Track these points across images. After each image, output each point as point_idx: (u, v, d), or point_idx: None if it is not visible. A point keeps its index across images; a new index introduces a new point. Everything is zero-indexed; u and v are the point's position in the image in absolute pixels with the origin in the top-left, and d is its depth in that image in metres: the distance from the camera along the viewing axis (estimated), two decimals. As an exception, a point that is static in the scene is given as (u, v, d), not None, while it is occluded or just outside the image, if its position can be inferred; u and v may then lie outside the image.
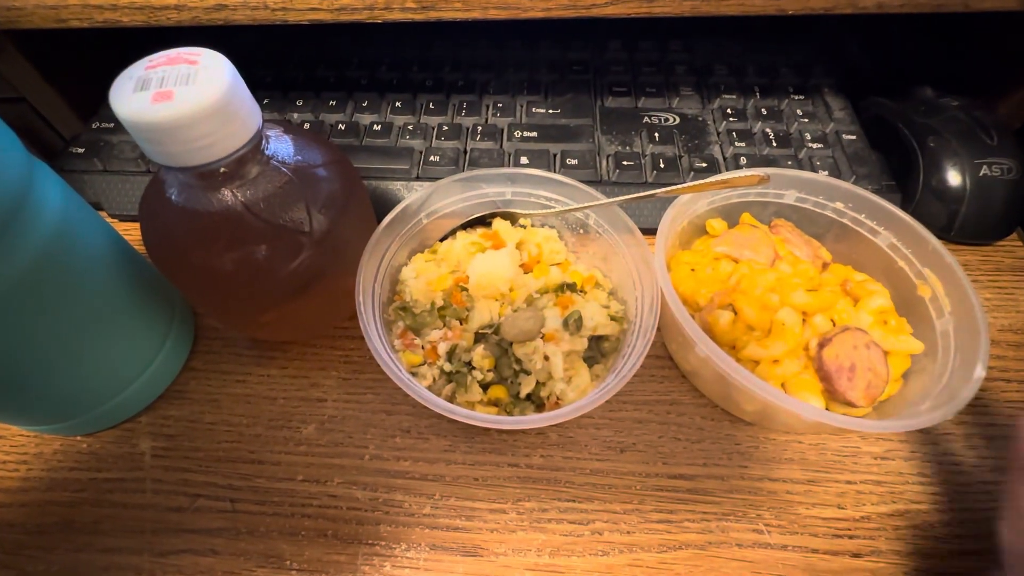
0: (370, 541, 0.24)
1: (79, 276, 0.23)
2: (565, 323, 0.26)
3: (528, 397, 0.26)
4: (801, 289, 0.27)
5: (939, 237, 0.27)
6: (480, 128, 0.37)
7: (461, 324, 0.27)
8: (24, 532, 0.25)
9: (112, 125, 0.38)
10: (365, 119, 0.38)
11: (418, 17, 0.30)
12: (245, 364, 0.30)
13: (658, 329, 0.27)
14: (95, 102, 0.40)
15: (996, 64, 0.37)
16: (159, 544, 0.24)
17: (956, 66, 0.39)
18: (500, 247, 0.29)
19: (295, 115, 0.39)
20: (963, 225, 0.32)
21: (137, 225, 0.25)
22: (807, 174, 0.30)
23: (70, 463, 0.27)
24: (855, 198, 0.29)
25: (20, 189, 0.20)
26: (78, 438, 0.28)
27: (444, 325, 0.27)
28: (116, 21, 0.30)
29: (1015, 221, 0.33)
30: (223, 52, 0.21)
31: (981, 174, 0.32)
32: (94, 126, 0.38)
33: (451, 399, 0.26)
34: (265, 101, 0.39)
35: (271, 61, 0.42)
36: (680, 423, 0.27)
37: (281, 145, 0.24)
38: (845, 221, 0.30)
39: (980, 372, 0.22)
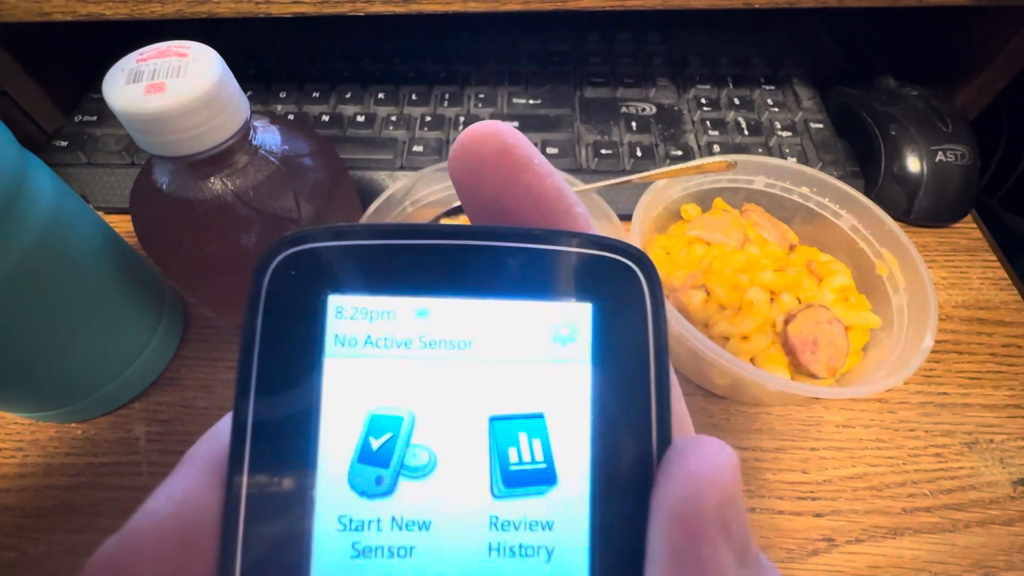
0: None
1: (72, 266, 0.24)
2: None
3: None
4: (769, 269, 0.29)
5: (899, 220, 0.29)
6: (463, 119, 0.38)
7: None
8: (24, 515, 0.25)
9: (95, 118, 0.38)
10: (349, 110, 0.39)
11: (400, 10, 0.31)
12: (235, 351, 0.30)
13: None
14: (76, 95, 0.40)
15: (953, 55, 0.39)
16: (157, 523, 0.25)
17: (917, 57, 0.41)
18: (483, 233, 0.30)
19: (279, 107, 0.39)
20: (921, 208, 0.34)
21: (123, 217, 0.26)
22: (775, 160, 0.31)
23: (66, 449, 0.27)
24: (819, 183, 0.31)
25: (15, 181, 0.21)
26: (73, 425, 0.28)
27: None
28: (100, 14, 0.31)
29: (969, 204, 0.35)
30: (206, 45, 0.21)
31: (937, 160, 0.34)
32: (76, 119, 0.38)
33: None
34: (249, 93, 0.40)
35: (254, 53, 0.42)
36: (656, 398, 0.29)
37: (268, 135, 0.24)
38: (811, 205, 0.31)
39: (928, 342, 0.24)
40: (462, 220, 0.31)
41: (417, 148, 0.36)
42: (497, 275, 0.09)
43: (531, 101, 0.39)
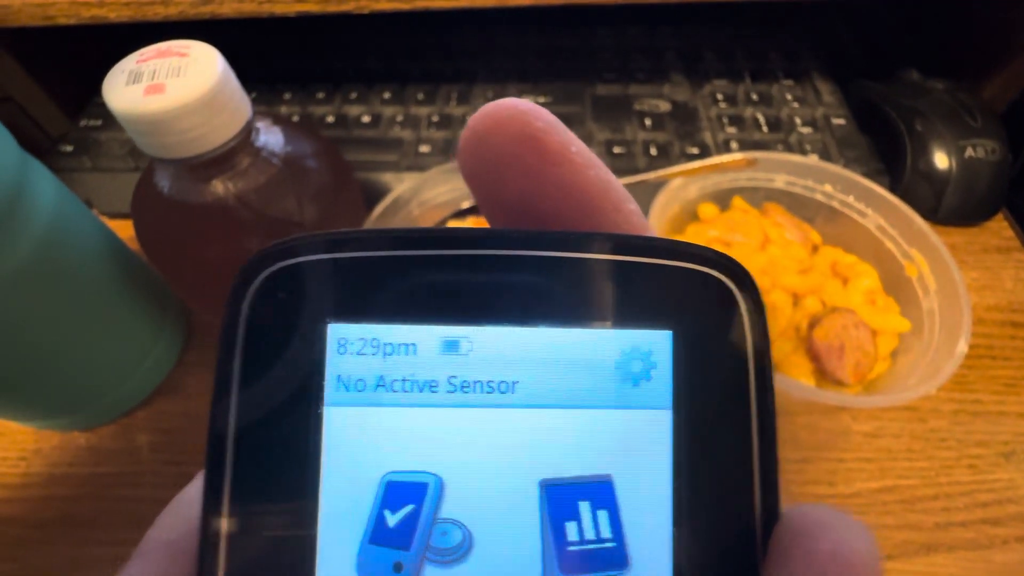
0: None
1: (73, 272, 0.23)
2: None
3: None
4: (791, 271, 0.27)
5: (927, 219, 0.28)
6: (470, 118, 0.37)
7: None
8: (26, 527, 0.25)
9: (100, 123, 0.38)
10: (353, 111, 0.38)
11: (405, 6, 0.30)
12: (241, 357, 0.30)
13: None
14: (82, 100, 0.40)
15: (979, 46, 0.37)
16: (161, 536, 0.24)
17: (942, 49, 0.39)
18: (493, 236, 0.29)
19: (283, 108, 0.39)
20: (949, 206, 0.33)
21: (128, 222, 0.25)
22: (796, 157, 0.30)
23: (69, 459, 0.27)
24: (843, 180, 0.29)
25: (15, 186, 0.20)
26: (75, 434, 0.28)
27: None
28: (103, 17, 0.30)
29: (1000, 202, 0.33)
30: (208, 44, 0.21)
31: (966, 156, 0.32)
32: (82, 124, 0.38)
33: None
34: (253, 95, 0.39)
35: (258, 54, 0.42)
36: (674, 406, 0.28)
37: (271, 136, 0.24)
38: (834, 204, 0.30)
39: (963, 347, 0.23)
40: (470, 220, 0.30)
41: (424, 148, 0.36)
42: (548, 295, 0.07)
43: (541, 99, 0.38)
